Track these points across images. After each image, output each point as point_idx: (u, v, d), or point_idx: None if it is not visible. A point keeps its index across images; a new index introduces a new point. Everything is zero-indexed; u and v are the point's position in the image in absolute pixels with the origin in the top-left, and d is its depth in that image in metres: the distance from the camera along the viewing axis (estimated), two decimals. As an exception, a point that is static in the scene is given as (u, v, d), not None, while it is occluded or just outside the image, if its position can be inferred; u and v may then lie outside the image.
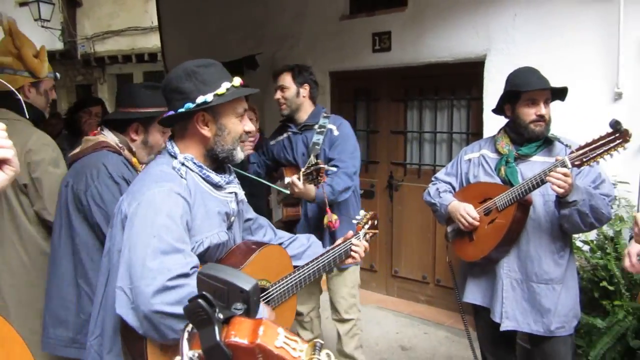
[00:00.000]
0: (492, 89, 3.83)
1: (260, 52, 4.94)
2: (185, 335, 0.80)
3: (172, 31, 6.21)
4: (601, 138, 2.13)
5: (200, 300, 0.75)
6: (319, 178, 2.75)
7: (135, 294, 1.41)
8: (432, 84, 4.49)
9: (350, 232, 2.15)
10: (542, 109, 2.41)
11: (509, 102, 2.52)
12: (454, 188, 2.75)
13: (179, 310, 1.36)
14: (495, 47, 3.80)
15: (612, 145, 2.10)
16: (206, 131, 1.67)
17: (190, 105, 1.63)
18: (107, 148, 2.20)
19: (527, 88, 2.42)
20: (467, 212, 2.54)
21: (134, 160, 2.25)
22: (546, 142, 2.46)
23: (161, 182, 1.58)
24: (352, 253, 2.11)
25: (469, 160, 2.70)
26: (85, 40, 10.92)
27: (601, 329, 2.89)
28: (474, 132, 4.24)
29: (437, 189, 2.76)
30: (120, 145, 2.24)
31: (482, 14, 3.83)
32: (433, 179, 2.88)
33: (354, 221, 2.22)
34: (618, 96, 3.29)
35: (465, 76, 4.20)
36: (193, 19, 5.80)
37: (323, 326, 4.04)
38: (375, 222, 2.28)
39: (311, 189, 2.87)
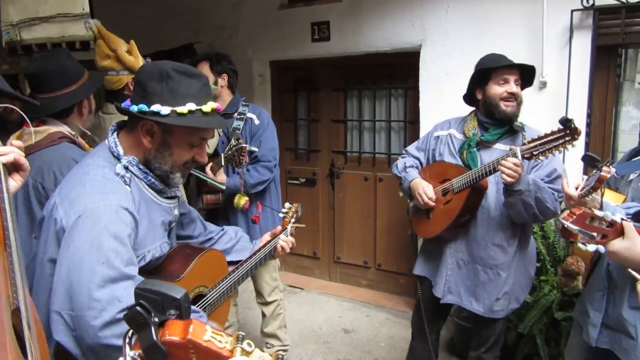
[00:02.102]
0: (428, 79, 3.97)
1: (198, 41, 4.87)
2: (127, 340, 0.88)
3: (105, 18, 5.96)
4: (552, 133, 2.18)
5: (137, 307, 0.85)
6: (241, 158, 2.82)
7: (80, 324, 1.30)
8: (370, 73, 4.58)
9: (279, 228, 2.14)
10: (514, 88, 2.47)
11: (479, 85, 2.57)
12: (421, 163, 2.83)
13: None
14: (430, 38, 3.92)
15: (561, 142, 2.16)
16: (147, 142, 1.53)
17: (144, 108, 1.48)
18: (65, 139, 2.06)
19: (497, 64, 2.49)
20: (425, 191, 2.63)
21: (87, 147, 2.15)
22: (510, 131, 2.53)
23: (106, 194, 1.43)
24: (279, 249, 2.09)
25: (438, 137, 2.77)
26: (11, 26, 10.31)
27: (529, 303, 3.08)
28: (411, 120, 4.38)
29: (405, 163, 2.84)
30: (73, 133, 2.12)
31: (417, 6, 3.95)
32: (403, 151, 2.97)
33: (281, 214, 2.23)
34: (543, 85, 3.49)
35: (402, 66, 4.32)
36: (127, 6, 5.62)
37: (243, 310, 4.27)
38: (299, 213, 2.28)
39: (222, 180, 2.99)
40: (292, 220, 2.21)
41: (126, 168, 1.51)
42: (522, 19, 3.53)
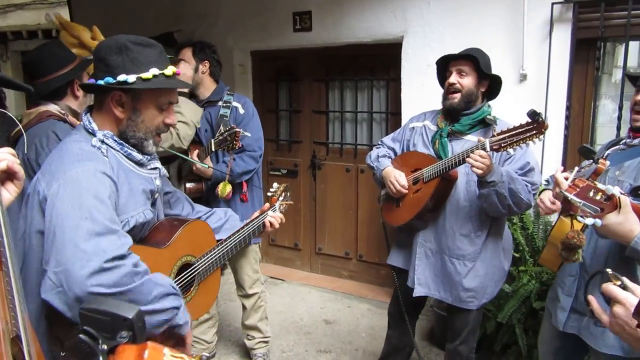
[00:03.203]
0: (409, 70, 3.97)
1: (179, 30, 4.80)
2: None
3: (82, 6, 5.87)
4: (521, 126, 2.20)
5: (81, 336, 0.76)
6: (234, 142, 2.83)
7: (67, 276, 1.35)
8: (352, 64, 4.56)
9: (267, 205, 2.19)
10: (452, 79, 2.52)
11: (442, 79, 2.65)
12: (396, 154, 2.85)
13: (116, 290, 1.35)
14: (412, 29, 3.92)
15: (528, 134, 2.17)
16: (119, 112, 1.63)
17: (110, 80, 1.57)
18: (52, 117, 2.24)
19: (438, 60, 2.58)
20: (397, 179, 2.65)
21: None
22: (482, 123, 2.55)
23: (83, 162, 1.51)
24: (268, 225, 2.14)
25: (413, 128, 2.80)
26: (-16, 13, 10.08)
27: (508, 293, 3.12)
28: (393, 112, 4.38)
29: (378, 153, 2.86)
30: (64, 112, 2.29)
31: (399, -3, 3.95)
32: (379, 142, 2.98)
33: (269, 194, 2.27)
34: (523, 77, 3.52)
35: (384, 57, 4.31)
36: (105, -7, 5.52)
37: (224, 302, 4.31)
38: (288, 193, 2.34)
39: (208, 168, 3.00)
40: (281, 198, 2.25)
41: (102, 141, 1.60)
42: (503, 10, 3.54)
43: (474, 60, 2.50)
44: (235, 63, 4.85)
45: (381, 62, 4.40)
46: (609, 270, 1.34)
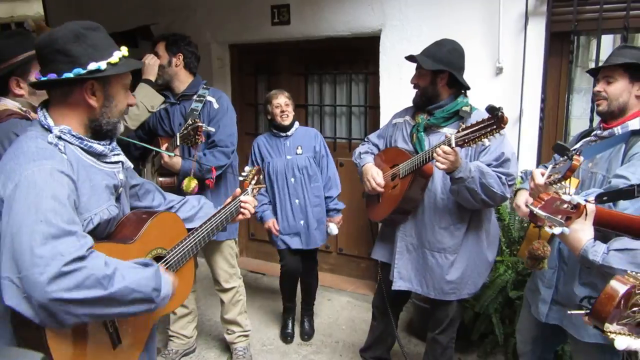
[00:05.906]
0: (387, 64, 3.99)
1: (155, 23, 4.75)
2: None
3: (56, -2, 5.77)
4: (482, 121, 2.21)
5: None
6: (197, 137, 2.80)
7: (27, 283, 1.31)
8: (331, 58, 4.56)
9: (238, 190, 2.17)
10: (414, 78, 2.63)
11: None
12: (379, 150, 2.88)
13: (78, 295, 1.33)
14: (390, 23, 3.93)
15: (489, 129, 2.19)
16: (93, 101, 1.59)
17: (80, 71, 1.52)
18: (14, 116, 1.99)
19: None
20: (373, 177, 2.69)
21: None
22: (457, 116, 2.57)
23: (39, 160, 1.45)
24: (242, 209, 2.13)
25: (395, 124, 2.83)
26: (-46, 5, 9.81)
27: (485, 283, 3.16)
28: (372, 105, 4.40)
29: (361, 150, 2.91)
30: (25, 109, 2.05)
31: (377, -10, 3.95)
32: (365, 139, 3.02)
33: (240, 178, 2.26)
34: (499, 71, 3.56)
35: (363, 51, 4.32)
36: (80, -14, 5.43)
37: (204, 297, 4.32)
38: (261, 176, 2.33)
39: (177, 161, 2.97)
40: (253, 182, 2.23)
41: (59, 137, 1.54)
42: (479, 4, 3.57)
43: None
44: (213, 56, 4.81)
45: (360, 55, 4.40)
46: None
